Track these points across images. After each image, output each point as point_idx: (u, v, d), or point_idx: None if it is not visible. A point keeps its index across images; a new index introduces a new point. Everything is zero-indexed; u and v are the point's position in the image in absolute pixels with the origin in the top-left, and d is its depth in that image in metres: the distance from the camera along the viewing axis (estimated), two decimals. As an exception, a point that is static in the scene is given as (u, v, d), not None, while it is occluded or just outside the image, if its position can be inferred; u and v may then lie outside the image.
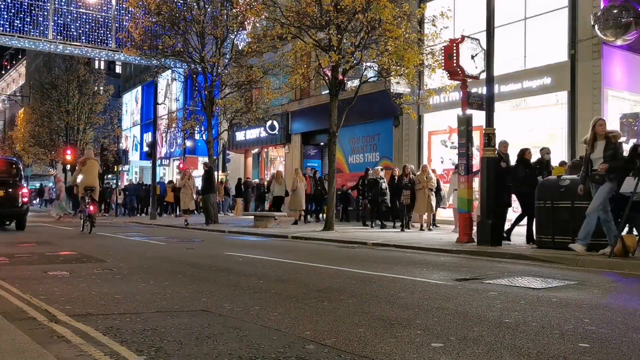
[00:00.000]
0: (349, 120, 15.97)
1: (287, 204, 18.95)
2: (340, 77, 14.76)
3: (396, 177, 15.06)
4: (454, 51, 10.73)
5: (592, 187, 8.16)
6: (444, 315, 4.21)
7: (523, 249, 9.06)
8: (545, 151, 10.83)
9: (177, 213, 27.61)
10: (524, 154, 10.35)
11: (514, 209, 11.87)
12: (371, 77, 15.58)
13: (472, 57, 10.91)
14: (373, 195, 15.53)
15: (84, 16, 27.69)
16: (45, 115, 38.59)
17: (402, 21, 14.02)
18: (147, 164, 30.90)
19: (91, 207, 13.92)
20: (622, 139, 14.66)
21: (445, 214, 16.51)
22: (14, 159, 19.42)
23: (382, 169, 16.21)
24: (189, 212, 18.29)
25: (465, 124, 10.68)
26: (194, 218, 22.64)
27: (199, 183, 21.77)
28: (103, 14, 28.11)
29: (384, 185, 15.45)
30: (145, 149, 34.85)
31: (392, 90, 16.98)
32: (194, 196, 18.50)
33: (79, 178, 14.04)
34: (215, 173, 21.56)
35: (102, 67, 50.52)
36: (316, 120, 22.39)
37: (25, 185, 15.79)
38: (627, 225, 8.37)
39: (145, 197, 27.20)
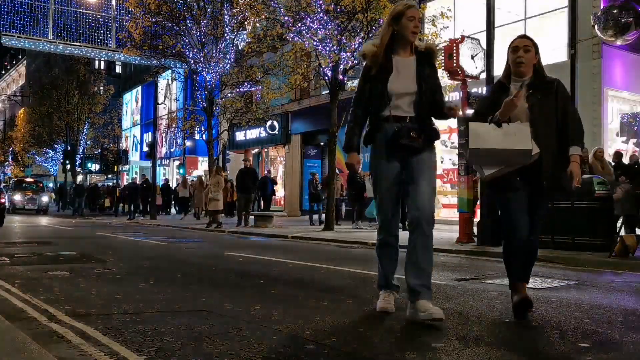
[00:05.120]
0: (349, 120, 15.96)
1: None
2: (340, 77, 14.77)
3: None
4: (454, 51, 10.73)
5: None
6: (444, 315, 4.21)
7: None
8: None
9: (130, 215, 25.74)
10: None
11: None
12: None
13: (472, 57, 10.91)
14: None
15: (84, 16, 27.72)
16: (45, 115, 38.57)
17: (402, 21, 14.02)
18: (147, 164, 30.89)
19: None
20: (622, 139, 14.73)
21: (445, 213, 16.51)
22: None
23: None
24: (216, 214, 17.29)
25: (465, 124, 10.66)
26: (198, 219, 22.72)
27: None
28: (103, 14, 28.15)
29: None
30: (145, 149, 34.82)
31: (392, 90, 16.97)
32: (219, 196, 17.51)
33: None
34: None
35: (102, 67, 50.49)
36: (316, 120, 22.38)
37: (2, 188, 18.84)
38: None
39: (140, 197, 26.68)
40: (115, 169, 32.65)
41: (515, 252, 4.04)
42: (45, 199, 31.93)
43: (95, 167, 42.26)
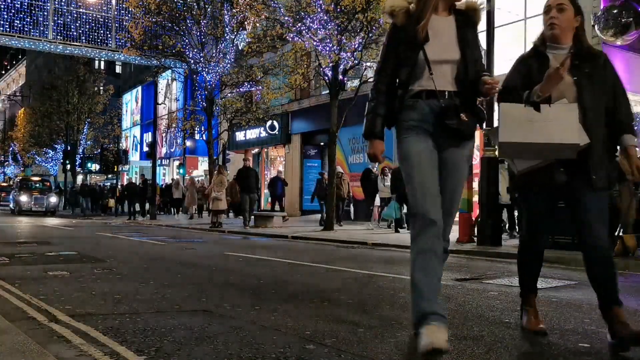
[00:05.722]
0: (349, 120, 15.99)
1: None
2: (340, 77, 14.78)
3: None
4: (454, 51, 10.73)
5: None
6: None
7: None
8: None
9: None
10: None
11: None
12: (371, 77, 15.57)
13: (472, 57, 10.92)
14: None
15: (84, 16, 27.74)
16: (45, 115, 38.58)
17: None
18: (147, 164, 30.92)
19: None
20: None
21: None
22: None
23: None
24: (218, 213, 17.14)
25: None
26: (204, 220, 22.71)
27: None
28: (103, 14, 28.18)
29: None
30: (145, 149, 34.84)
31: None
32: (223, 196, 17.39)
33: None
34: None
35: (102, 67, 50.51)
36: (316, 120, 22.39)
37: None
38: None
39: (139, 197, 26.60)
40: (115, 169, 32.62)
41: (531, 259, 3.50)
42: (53, 199, 29.57)
43: (95, 167, 42.26)
